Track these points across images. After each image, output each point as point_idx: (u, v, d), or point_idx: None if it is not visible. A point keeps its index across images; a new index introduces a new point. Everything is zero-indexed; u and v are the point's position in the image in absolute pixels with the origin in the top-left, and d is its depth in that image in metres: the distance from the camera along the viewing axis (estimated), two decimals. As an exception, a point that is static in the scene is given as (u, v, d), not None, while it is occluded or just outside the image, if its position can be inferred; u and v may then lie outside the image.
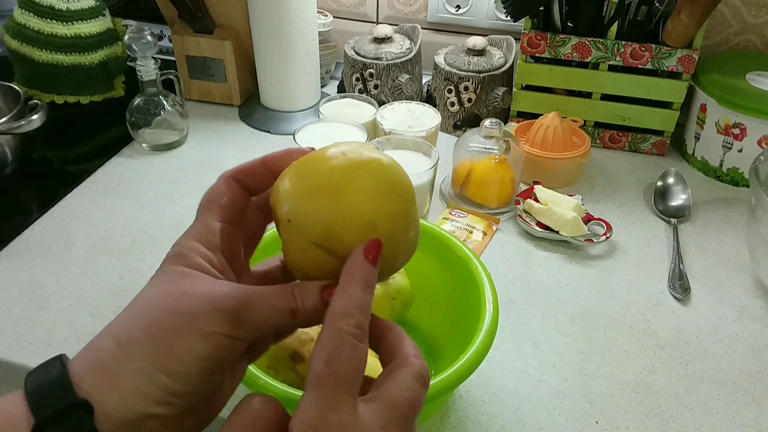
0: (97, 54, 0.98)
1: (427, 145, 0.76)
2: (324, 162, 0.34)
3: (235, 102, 1.02)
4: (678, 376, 0.61)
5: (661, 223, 0.81)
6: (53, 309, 0.66)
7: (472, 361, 0.49)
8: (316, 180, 0.33)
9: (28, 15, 0.94)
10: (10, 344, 0.62)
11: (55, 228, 0.77)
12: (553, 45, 0.88)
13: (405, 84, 0.95)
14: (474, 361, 0.49)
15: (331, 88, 1.09)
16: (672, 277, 0.72)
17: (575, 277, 0.73)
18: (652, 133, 0.93)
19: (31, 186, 0.88)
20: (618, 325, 0.67)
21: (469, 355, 0.49)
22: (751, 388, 0.60)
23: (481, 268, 0.57)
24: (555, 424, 0.56)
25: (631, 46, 0.86)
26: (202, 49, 0.97)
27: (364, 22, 1.13)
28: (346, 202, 0.32)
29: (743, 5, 0.95)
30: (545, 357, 0.63)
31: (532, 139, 0.85)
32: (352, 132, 0.79)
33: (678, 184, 0.85)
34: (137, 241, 0.76)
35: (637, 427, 0.56)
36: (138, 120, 0.90)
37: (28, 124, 0.85)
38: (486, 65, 0.92)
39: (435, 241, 0.61)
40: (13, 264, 0.72)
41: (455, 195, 0.84)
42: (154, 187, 0.85)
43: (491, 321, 0.52)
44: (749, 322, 0.68)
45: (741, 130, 0.84)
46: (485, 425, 0.56)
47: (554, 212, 0.75)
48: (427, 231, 0.62)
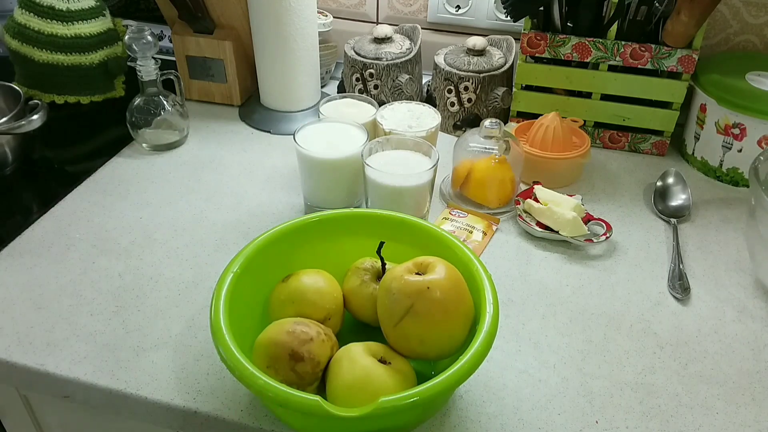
0: (97, 54, 0.98)
1: (427, 145, 0.76)
2: None
3: (235, 102, 1.02)
4: (678, 376, 0.61)
5: (660, 223, 0.81)
6: (53, 309, 0.66)
7: (472, 361, 0.49)
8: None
9: (28, 15, 0.94)
10: (10, 344, 0.62)
11: (55, 228, 0.77)
12: (553, 45, 0.88)
13: (405, 84, 0.95)
14: (474, 362, 0.49)
15: (331, 88, 1.09)
16: (672, 277, 0.72)
17: (575, 277, 0.73)
18: (652, 133, 0.93)
19: (31, 186, 0.88)
20: (618, 325, 0.67)
21: (470, 355, 0.49)
22: (751, 388, 0.60)
23: (481, 268, 0.57)
24: (555, 423, 0.56)
25: (630, 47, 0.86)
26: (202, 49, 0.97)
27: (364, 22, 1.13)
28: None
29: (743, 5, 0.95)
30: (545, 357, 0.63)
31: (532, 139, 0.85)
32: (352, 132, 0.79)
33: (678, 184, 0.85)
34: (137, 241, 0.76)
35: (637, 426, 0.56)
36: (138, 120, 0.90)
37: (28, 124, 0.85)
38: (486, 65, 0.92)
39: (435, 242, 0.62)
40: (13, 264, 0.72)
41: (455, 195, 0.84)
42: (154, 187, 0.85)
43: (491, 322, 0.52)
44: (749, 322, 0.68)
45: (741, 130, 0.84)
46: (485, 425, 0.56)
47: (554, 212, 0.76)
48: (427, 231, 0.62)
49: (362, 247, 0.63)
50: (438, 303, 0.52)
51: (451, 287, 0.53)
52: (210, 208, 0.82)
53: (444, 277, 0.53)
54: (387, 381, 0.50)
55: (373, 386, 0.49)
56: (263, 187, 0.85)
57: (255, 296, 0.60)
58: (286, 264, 0.61)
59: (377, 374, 0.50)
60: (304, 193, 0.81)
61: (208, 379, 0.59)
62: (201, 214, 0.80)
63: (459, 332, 0.53)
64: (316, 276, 0.60)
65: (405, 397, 0.46)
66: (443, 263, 0.54)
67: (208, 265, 0.72)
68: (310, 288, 0.58)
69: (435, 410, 0.56)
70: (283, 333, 0.52)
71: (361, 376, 0.50)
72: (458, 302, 0.53)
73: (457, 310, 0.53)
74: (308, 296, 0.58)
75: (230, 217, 0.80)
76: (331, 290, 0.59)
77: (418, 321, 0.52)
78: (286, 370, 0.51)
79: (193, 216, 0.80)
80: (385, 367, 0.51)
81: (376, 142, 0.76)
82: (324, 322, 0.57)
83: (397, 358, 0.53)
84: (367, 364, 0.51)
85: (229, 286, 0.55)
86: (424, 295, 0.51)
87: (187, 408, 0.57)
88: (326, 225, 0.64)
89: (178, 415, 0.57)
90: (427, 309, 0.51)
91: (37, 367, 0.60)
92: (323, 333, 0.54)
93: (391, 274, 0.55)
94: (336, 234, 0.64)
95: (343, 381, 0.51)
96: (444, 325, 0.52)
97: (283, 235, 0.61)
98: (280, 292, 0.59)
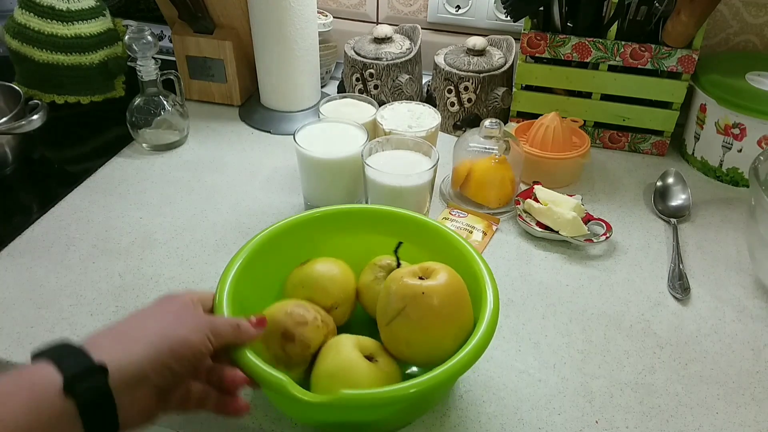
0: (97, 54, 0.98)
1: (427, 145, 0.76)
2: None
3: (235, 102, 1.02)
4: (678, 375, 0.61)
5: (660, 223, 0.81)
6: (53, 309, 0.66)
7: (474, 350, 0.49)
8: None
9: (28, 15, 0.94)
10: (10, 344, 0.62)
11: (55, 228, 0.77)
12: (552, 45, 0.88)
13: (405, 84, 0.95)
14: (477, 351, 0.49)
15: (331, 88, 1.09)
16: (672, 277, 0.72)
17: (575, 277, 0.73)
18: (652, 133, 0.93)
19: (31, 186, 0.88)
20: (618, 325, 0.67)
21: (472, 346, 0.49)
22: (751, 388, 0.60)
23: (481, 263, 0.57)
24: (555, 423, 0.56)
25: (630, 47, 0.86)
26: (202, 49, 0.97)
27: (364, 22, 1.13)
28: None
29: (743, 5, 0.95)
30: (545, 357, 0.63)
31: (532, 139, 0.85)
32: (352, 132, 0.79)
33: (678, 184, 0.85)
34: (137, 241, 0.76)
35: (637, 426, 0.56)
36: (138, 120, 0.90)
37: (29, 124, 0.85)
38: (486, 65, 0.92)
39: (437, 237, 0.62)
40: (13, 264, 0.72)
41: (455, 195, 0.84)
42: (154, 187, 0.85)
43: (482, 337, 0.51)
44: (749, 322, 0.68)
45: (741, 130, 0.84)
46: (485, 425, 0.56)
47: (554, 212, 0.76)
48: (429, 227, 0.63)
49: (381, 245, 0.63)
50: (430, 309, 0.51)
51: (448, 296, 0.52)
52: (210, 208, 0.81)
53: (443, 285, 0.52)
54: (367, 376, 0.50)
55: (352, 379, 0.50)
56: (263, 187, 0.85)
57: (266, 280, 0.61)
58: (295, 255, 0.62)
59: (359, 368, 0.51)
60: (304, 193, 0.81)
61: (208, 379, 0.59)
62: (201, 214, 0.80)
63: (449, 342, 0.51)
64: (331, 264, 0.61)
65: (366, 395, 0.47)
66: (448, 271, 0.54)
67: (208, 265, 0.72)
68: (322, 275, 0.59)
69: (438, 400, 0.57)
70: (282, 312, 0.54)
71: (342, 367, 0.51)
72: (453, 313, 0.52)
73: (451, 320, 0.52)
74: (319, 282, 0.59)
75: (230, 217, 0.80)
76: (342, 280, 0.60)
77: (408, 324, 0.52)
78: (276, 347, 0.52)
79: (193, 216, 0.80)
80: (368, 363, 0.52)
81: (376, 142, 0.76)
82: (331, 310, 0.58)
83: (385, 357, 0.53)
84: (352, 357, 0.52)
85: (239, 269, 0.56)
86: (417, 299, 0.51)
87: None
88: (328, 221, 0.64)
89: (178, 414, 0.57)
90: (419, 314, 0.51)
91: (37, 367, 0.60)
92: (320, 319, 0.55)
93: (395, 274, 0.55)
94: (354, 229, 0.65)
95: (326, 369, 0.52)
96: (433, 332, 0.52)
97: (293, 227, 0.62)
98: (295, 275, 0.60)
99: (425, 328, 0.51)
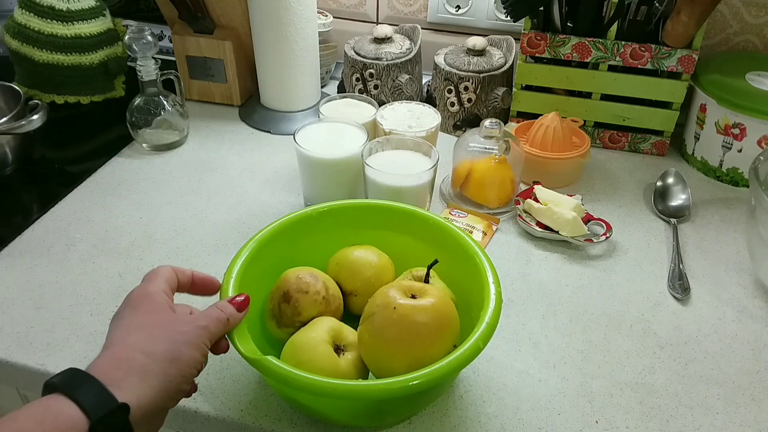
0: (97, 54, 0.98)
1: (427, 145, 0.76)
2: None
3: (235, 102, 1.02)
4: (678, 375, 0.61)
5: (660, 223, 0.81)
6: (53, 309, 0.66)
7: (480, 339, 0.49)
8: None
9: (28, 15, 0.94)
10: (10, 344, 0.62)
11: (55, 228, 0.77)
12: (552, 45, 0.88)
13: (405, 84, 0.95)
14: (481, 342, 0.49)
15: (331, 88, 1.09)
16: (672, 277, 0.72)
17: (575, 277, 0.73)
18: (652, 133, 0.93)
19: (31, 186, 0.88)
20: (618, 325, 0.67)
21: (476, 336, 0.49)
22: (751, 388, 0.60)
23: (484, 258, 0.57)
24: (555, 423, 0.56)
25: (630, 47, 0.86)
26: (202, 49, 0.97)
27: (364, 22, 1.13)
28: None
29: (743, 5, 0.95)
30: (545, 357, 0.63)
31: (532, 139, 0.85)
32: (352, 132, 0.79)
33: (678, 184, 0.85)
34: (137, 241, 0.76)
35: (637, 426, 0.56)
36: (138, 120, 0.90)
37: (29, 124, 0.85)
38: (486, 65, 0.92)
39: (441, 232, 0.62)
40: (13, 264, 0.72)
41: (455, 195, 0.84)
42: (154, 187, 0.85)
43: (495, 303, 0.52)
44: (749, 322, 0.68)
45: (741, 130, 0.84)
46: (485, 425, 0.56)
47: (554, 212, 0.76)
48: (434, 224, 0.63)
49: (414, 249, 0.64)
50: (393, 325, 0.51)
51: (422, 323, 0.50)
52: (210, 208, 0.82)
53: (417, 309, 0.51)
54: (319, 360, 0.52)
55: (306, 357, 0.52)
56: (263, 187, 0.85)
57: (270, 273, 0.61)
58: (294, 254, 0.62)
59: (319, 350, 0.52)
60: (304, 193, 0.81)
61: (207, 379, 0.59)
62: (201, 214, 0.80)
63: (399, 366, 0.50)
64: (373, 256, 0.62)
65: (282, 369, 0.47)
66: (439, 298, 0.52)
67: (208, 265, 0.72)
68: (355, 260, 0.62)
69: (442, 392, 0.57)
70: (294, 275, 0.58)
71: (305, 344, 0.53)
72: (411, 340, 0.50)
73: (410, 347, 0.50)
74: (349, 266, 0.61)
75: (230, 217, 0.80)
76: (373, 274, 0.61)
77: (371, 329, 0.52)
78: (275, 303, 0.58)
79: (193, 216, 0.80)
80: (329, 350, 0.53)
81: (376, 142, 0.76)
82: (349, 295, 0.61)
83: (355, 353, 0.54)
84: (319, 339, 0.53)
85: (250, 255, 0.58)
86: (387, 311, 0.51)
87: (186, 408, 0.57)
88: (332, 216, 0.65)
89: (177, 414, 0.57)
90: (382, 324, 0.51)
91: (37, 367, 0.60)
92: (322, 295, 0.57)
93: (394, 282, 0.56)
94: (372, 226, 0.66)
95: (296, 340, 0.54)
96: (387, 349, 0.51)
97: (293, 225, 0.63)
98: (342, 252, 0.63)
99: (384, 340, 0.51)
